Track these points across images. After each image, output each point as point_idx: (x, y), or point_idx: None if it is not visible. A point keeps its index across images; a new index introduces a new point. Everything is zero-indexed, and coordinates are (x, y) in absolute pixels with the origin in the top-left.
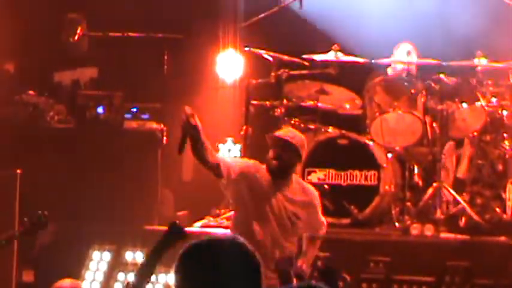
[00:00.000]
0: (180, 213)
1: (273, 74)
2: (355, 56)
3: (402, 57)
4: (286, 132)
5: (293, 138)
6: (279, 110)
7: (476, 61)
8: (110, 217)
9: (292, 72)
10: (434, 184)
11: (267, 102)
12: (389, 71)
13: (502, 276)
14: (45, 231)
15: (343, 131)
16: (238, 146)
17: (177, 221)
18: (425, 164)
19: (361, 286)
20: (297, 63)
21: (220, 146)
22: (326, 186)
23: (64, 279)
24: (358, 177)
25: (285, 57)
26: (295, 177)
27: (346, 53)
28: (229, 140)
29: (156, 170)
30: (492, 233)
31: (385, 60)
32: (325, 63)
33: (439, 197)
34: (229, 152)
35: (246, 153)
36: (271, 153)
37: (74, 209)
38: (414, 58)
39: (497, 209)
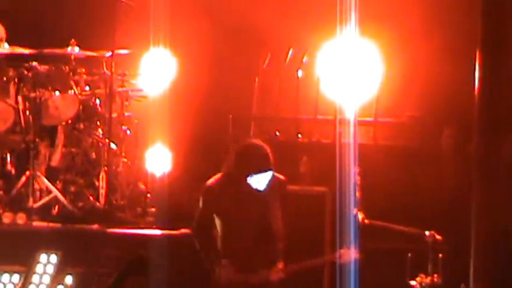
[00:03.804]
0: None
1: None
2: None
3: None
4: None
5: None
6: None
7: (69, 49)
8: None
9: None
10: (27, 172)
11: None
12: None
13: (95, 264)
14: None
15: None
16: None
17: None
18: (17, 152)
19: None
20: None
21: None
22: None
23: None
24: None
25: None
26: None
27: None
28: None
29: None
30: (85, 221)
31: None
32: None
33: (32, 185)
34: None
35: None
36: None
37: None
38: (5, 45)
39: (91, 197)
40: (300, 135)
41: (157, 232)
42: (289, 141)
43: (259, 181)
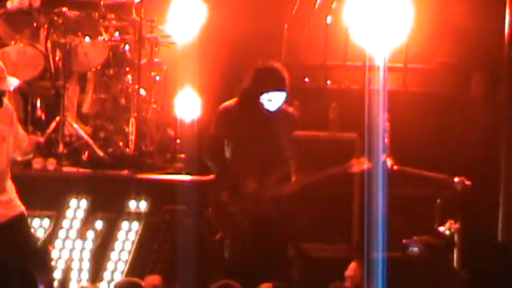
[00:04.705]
0: None
1: None
2: None
3: None
4: None
5: None
6: None
7: None
8: None
9: None
10: (57, 118)
11: None
12: (9, 4)
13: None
14: None
15: None
16: None
17: None
18: (48, 98)
19: None
20: None
21: None
22: None
23: None
24: None
25: None
26: None
27: None
28: None
29: None
30: (115, 167)
31: None
32: None
33: (62, 131)
34: None
35: None
36: None
37: None
38: None
39: (120, 143)
40: (329, 82)
41: (187, 178)
42: (318, 87)
43: (271, 100)
